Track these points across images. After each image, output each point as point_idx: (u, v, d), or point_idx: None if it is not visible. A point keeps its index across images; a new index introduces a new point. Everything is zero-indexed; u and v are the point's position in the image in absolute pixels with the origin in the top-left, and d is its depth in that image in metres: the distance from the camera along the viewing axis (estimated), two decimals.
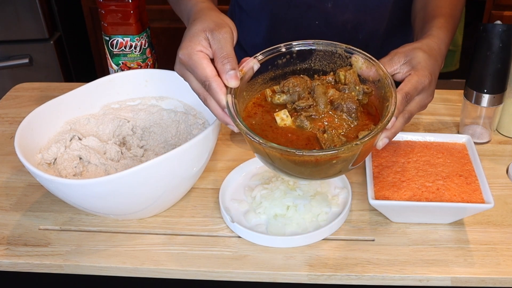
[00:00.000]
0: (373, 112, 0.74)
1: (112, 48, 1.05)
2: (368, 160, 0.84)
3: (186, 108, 0.93)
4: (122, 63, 1.07)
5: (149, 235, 0.82)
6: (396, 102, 0.69)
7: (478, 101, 0.94)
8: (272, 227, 0.80)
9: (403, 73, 0.76)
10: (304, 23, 1.10)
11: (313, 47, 0.77)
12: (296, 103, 0.73)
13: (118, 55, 1.06)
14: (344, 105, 0.71)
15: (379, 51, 0.97)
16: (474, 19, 2.14)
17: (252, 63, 0.75)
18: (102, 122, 0.92)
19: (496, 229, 0.81)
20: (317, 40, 0.77)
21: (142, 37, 1.05)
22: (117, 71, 1.06)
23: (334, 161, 0.67)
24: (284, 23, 1.12)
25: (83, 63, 2.33)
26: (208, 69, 0.71)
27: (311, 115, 0.71)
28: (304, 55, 0.78)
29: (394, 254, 0.78)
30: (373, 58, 0.74)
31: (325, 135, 0.69)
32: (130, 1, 1.01)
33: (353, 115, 0.71)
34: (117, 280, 0.81)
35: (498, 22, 0.89)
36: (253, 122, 0.74)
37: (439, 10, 0.91)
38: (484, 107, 0.94)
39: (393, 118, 0.69)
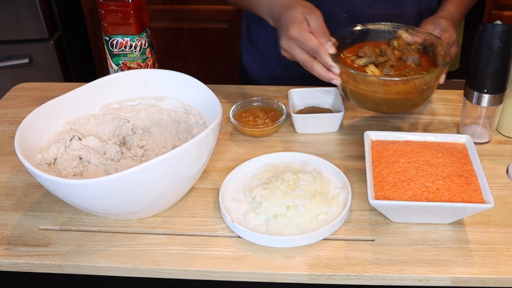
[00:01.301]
0: (425, 67, 0.98)
1: (112, 48, 1.05)
2: (368, 160, 0.84)
3: (186, 108, 0.93)
4: (122, 63, 1.07)
5: (149, 235, 0.82)
6: (446, 45, 0.95)
7: (478, 101, 0.94)
8: (272, 227, 0.80)
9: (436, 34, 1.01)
10: (332, 17, 1.14)
11: (370, 27, 1.02)
12: (378, 59, 0.96)
13: (118, 55, 1.06)
14: (410, 57, 0.97)
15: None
16: (474, 19, 2.14)
17: (333, 40, 0.94)
18: (102, 122, 0.92)
19: (496, 229, 0.81)
20: (372, 23, 1.03)
21: (142, 37, 1.05)
22: (117, 71, 1.06)
23: (424, 87, 0.91)
24: None
25: (83, 63, 2.33)
26: (316, 41, 0.92)
27: (392, 65, 0.95)
28: (363, 34, 1.02)
29: (394, 254, 0.78)
30: (414, 27, 1.01)
31: (411, 72, 0.93)
32: (130, 1, 1.01)
33: (418, 62, 0.97)
34: (117, 280, 0.81)
35: (498, 22, 0.89)
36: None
37: None
38: (484, 107, 0.94)
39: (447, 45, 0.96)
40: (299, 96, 1.08)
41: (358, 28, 1.02)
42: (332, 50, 0.92)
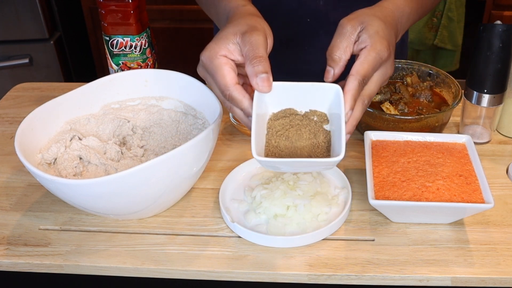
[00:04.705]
0: (437, 102, 1.03)
1: (112, 48, 1.05)
2: (368, 160, 0.84)
3: (186, 108, 0.93)
4: (122, 63, 1.07)
5: (149, 235, 0.82)
6: (457, 84, 0.98)
7: (478, 101, 0.94)
8: (272, 227, 0.80)
9: (359, 42, 0.70)
10: (295, 20, 1.10)
11: None
12: (392, 97, 1.01)
13: (118, 55, 1.06)
14: (423, 95, 1.02)
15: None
16: (474, 19, 2.14)
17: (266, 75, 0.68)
18: (102, 122, 0.92)
19: (496, 229, 0.81)
20: None
21: (142, 37, 1.05)
22: (117, 71, 1.06)
23: (436, 124, 0.96)
24: (273, 22, 1.12)
25: (83, 63, 2.34)
26: (228, 77, 0.66)
27: (406, 102, 1.00)
28: None
29: (394, 254, 0.78)
30: (428, 65, 1.06)
31: (424, 109, 0.98)
32: (130, 1, 1.01)
33: (430, 99, 1.02)
34: (117, 280, 0.81)
35: (498, 22, 0.89)
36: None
37: None
38: (484, 107, 0.94)
39: (349, 111, 0.68)
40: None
41: None
42: (266, 88, 0.65)
